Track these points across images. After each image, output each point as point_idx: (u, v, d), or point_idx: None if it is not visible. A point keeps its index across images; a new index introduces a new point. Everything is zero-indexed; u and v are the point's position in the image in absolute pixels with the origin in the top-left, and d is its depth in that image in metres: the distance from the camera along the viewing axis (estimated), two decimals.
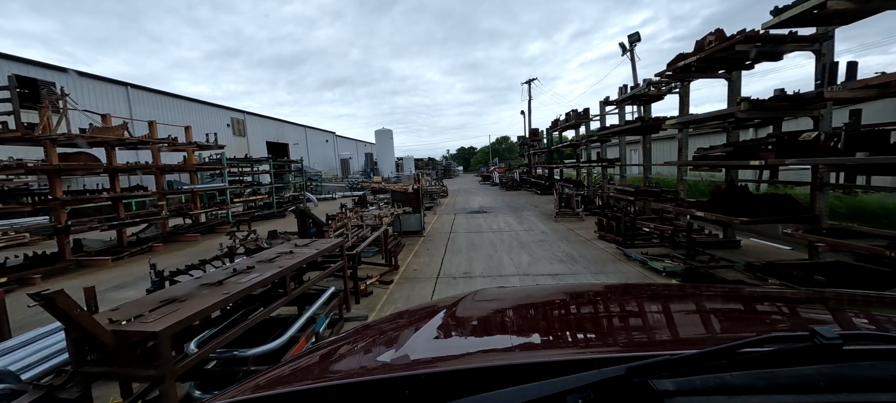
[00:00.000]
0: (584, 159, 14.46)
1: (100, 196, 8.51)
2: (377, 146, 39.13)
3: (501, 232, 10.03)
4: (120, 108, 17.81)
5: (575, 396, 0.58)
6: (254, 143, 28.44)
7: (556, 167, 20.77)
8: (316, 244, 4.26)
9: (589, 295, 1.52)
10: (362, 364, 1.01)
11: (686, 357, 0.62)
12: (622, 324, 1.17)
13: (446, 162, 60.21)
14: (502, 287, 1.78)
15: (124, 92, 18.14)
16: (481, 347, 1.05)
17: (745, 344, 0.64)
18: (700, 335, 1.07)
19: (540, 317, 1.22)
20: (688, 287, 1.67)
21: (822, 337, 0.62)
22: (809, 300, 1.25)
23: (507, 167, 44.09)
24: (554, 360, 0.83)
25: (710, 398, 0.55)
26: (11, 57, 14.49)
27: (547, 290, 1.97)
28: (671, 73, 7.12)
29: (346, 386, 0.80)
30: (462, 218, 12.95)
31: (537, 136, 25.79)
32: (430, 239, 9.46)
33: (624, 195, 9.22)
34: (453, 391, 0.67)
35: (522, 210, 14.18)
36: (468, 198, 20.41)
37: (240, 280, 2.94)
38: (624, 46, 16.57)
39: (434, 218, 13.26)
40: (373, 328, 1.37)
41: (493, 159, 60.72)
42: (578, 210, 11.13)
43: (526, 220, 11.84)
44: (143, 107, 19.03)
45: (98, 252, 8.70)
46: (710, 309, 1.23)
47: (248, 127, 27.81)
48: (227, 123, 25.62)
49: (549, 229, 10.14)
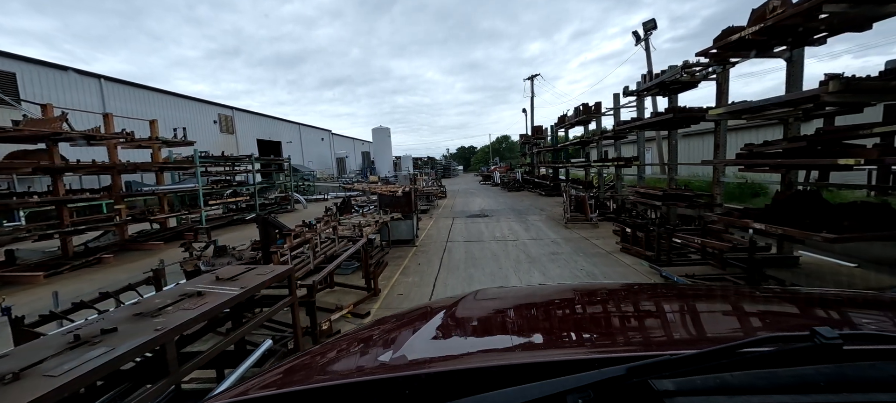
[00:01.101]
0: (596, 157, 13.15)
1: (30, 200, 7.20)
2: (374, 145, 37.78)
3: (505, 242, 8.73)
4: (92, 102, 16.49)
5: (575, 396, 0.58)
6: (243, 141, 27.10)
7: (561, 167, 19.45)
8: (246, 277, 2.96)
9: (589, 295, 1.47)
10: (363, 365, 1.00)
11: (686, 357, 0.62)
12: (622, 324, 1.16)
13: (446, 161, 58.92)
14: (502, 287, 1.73)
15: (97, 85, 16.80)
16: (481, 347, 1.05)
17: (745, 344, 0.64)
18: (700, 335, 1.06)
19: (540, 317, 1.23)
20: (688, 287, 1.62)
21: (822, 337, 0.62)
22: (809, 300, 1.27)
23: (509, 167, 42.74)
24: (554, 360, 0.83)
25: (710, 398, 0.55)
26: None
27: (547, 290, 1.81)
28: (716, 50, 5.81)
29: (346, 386, 0.80)
30: (461, 223, 11.66)
31: (541, 133, 24.46)
32: (423, 250, 8.17)
33: (648, 200, 7.93)
34: (453, 391, 0.67)
35: (527, 214, 12.88)
36: (468, 200, 19.11)
37: (52, 372, 1.64)
38: (638, 35, 15.23)
39: (430, 223, 11.97)
40: (373, 328, 1.34)
41: (494, 159, 59.49)
42: (592, 216, 9.83)
43: (533, 226, 10.54)
44: (120, 102, 17.71)
45: (33, 266, 7.40)
46: (710, 309, 1.23)
47: (236, 124, 26.45)
48: (214, 120, 24.27)
49: (560, 237, 8.84)
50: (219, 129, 24.65)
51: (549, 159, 22.35)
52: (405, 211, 8.47)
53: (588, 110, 13.05)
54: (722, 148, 7.33)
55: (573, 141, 16.07)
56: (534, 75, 31.72)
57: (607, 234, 8.94)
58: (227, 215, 13.63)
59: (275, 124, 32.30)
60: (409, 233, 8.56)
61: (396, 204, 8.29)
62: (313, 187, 25.09)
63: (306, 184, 24.61)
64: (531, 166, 27.18)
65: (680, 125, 7.49)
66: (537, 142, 25.27)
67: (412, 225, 8.55)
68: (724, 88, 7.27)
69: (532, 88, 31.88)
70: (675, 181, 8.86)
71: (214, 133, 24.22)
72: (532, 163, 27.12)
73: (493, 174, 33.67)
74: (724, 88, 7.27)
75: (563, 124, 16.54)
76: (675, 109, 6.80)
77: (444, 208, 15.84)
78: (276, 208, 16.05)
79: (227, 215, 13.63)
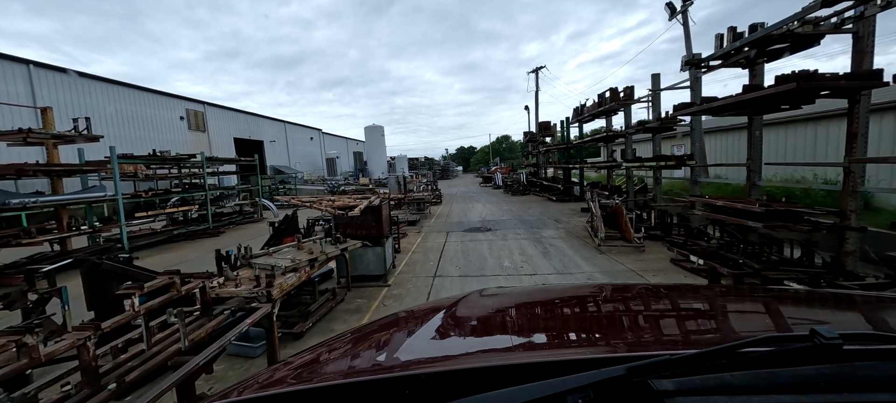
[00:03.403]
0: (627, 156, 10.48)
1: None
2: (367, 145, 35.20)
3: (520, 277, 6.07)
4: (17, 92, 13.79)
5: (575, 396, 0.58)
6: (218, 140, 24.34)
7: (574, 168, 16.76)
8: None
9: (589, 295, 1.45)
10: (363, 364, 0.98)
11: (686, 357, 0.62)
12: (622, 324, 1.15)
13: (445, 162, 56.22)
14: (502, 287, 1.70)
15: (24, 72, 14.09)
16: (481, 347, 1.04)
17: (745, 344, 0.64)
18: (700, 335, 1.05)
19: (540, 317, 1.22)
20: (688, 287, 1.59)
21: (822, 337, 0.62)
22: (809, 300, 1.27)
23: (511, 168, 40.03)
24: (554, 360, 0.83)
25: (710, 398, 0.56)
26: None
27: (547, 290, 1.79)
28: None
29: (346, 386, 0.80)
30: (456, 241, 8.99)
31: (549, 130, 21.78)
32: (397, 293, 5.50)
33: (733, 217, 5.25)
34: (453, 391, 0.67)
35: (541, 227, 10.21)
36: (466, 206, 16.43)
37: None
38: (672, 7, 12.55)
39: (417, 240, 9.29)
40: (373, 328, 1.30)
41: (494, 159, 56.82)
42: (639, 237, 7.14)
43: (552, 248, 7.87)
44: (56, 92, 15.01)
45: None
46: (710, 309, 1.22)
47: (209, 121, 23.65)
48: (181, 116, 21.48)
49: (598, 271, 6.17)
50: (187, 126, 21.92)
51: (558, 159, 19.66)
52: (374, 232, 5.80)
53: (616, 97, 10.35)
54: (860, 140, 4.68)
55: (599, 134, 13.10)
56: (539, 67, 29.03)
57: (663, 264, 6.27)
58: (166, 230, 10.94)
59: (256, 122, 29.56)
60: (379, 266, 5.88)
61: (358, 227, 5.61)
62: (295, 190, 22.39)
63: (285, 187, 21.92)
64: (536, 166, 24.49)
65: (804, 100, 4.81)
66: (544, 139, 22.59)
67: (383, 254, 5.86)
68: (865, 44, 4.63)
69: (537, 81, 29.20)
70: (757, 189, 6.20)
71: (181, 131, 21.50)
72: (537, 163, 24.43)
73: (494, 176, 30.88)
74: (865, 44, 4.63)
75: (580, 117, 13.85)
76: (802, 76, 4.19)
77: (438, 218, 13.17)
78: (236, 219, 13.37)
79: (167, 230, 10.94)
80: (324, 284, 5.78)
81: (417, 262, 7.26)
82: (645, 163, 8.82)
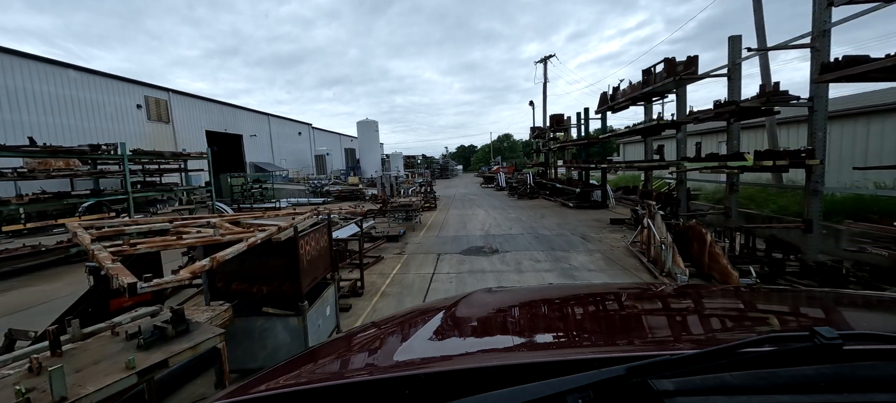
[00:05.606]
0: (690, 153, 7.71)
1: None
2: (360, 141, 32.44)
3: None
4: None
5: (575, 396, 0.57)
6: (185, 133, 21.47)
7: (595, 168, 13.95)
8: None
9: (589, 295, 1.42)
10: (362, 364, 0.97)
11: (686, 357, 0.62)
12: (622, 324, 1.14)
13: (444, 160, 53.36)
14: (502, 287, 1.68)
15: None
16: (481, 347, 1.03)
17: (745, 344, 0.63)
18: (700, 335, 1.04)
19: (540, 317, 1.21)
20: (688, 287, 1.54)
21: (822, 337, 0.62)
22: (809, 300, 1.25)
23: (515, 167, 37.19)
24: (554, 360, 0.82)
25: (710, 398, 0.55)
26: None
27: (547, 290, 1.77)
28: None
29: (346, 386, 0.79)
30: (450, 270, 6.21)
31: (562, 124, 18.97)
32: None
33: None
34: (453, 391, 0.66)
35: (566, 249, 7.44)
36: (466, 213, 13.63)
37: None
38: None
39: (394, 269, 6.51)
40: (373, 328, 1.28)
41: (495, 158, 54.03)
42: (749, 280, 4.35)
43: None
44: None
45: None
46: (710, 309, 1.21)
47: (173, 110, 20.76)
48: (139, 104, 18.64)
49: None
50: (146, 116, 19.07)
51: (574, 157, 16.86)
52: (283, 292, 3.02)
53: (673, 70, 7.51)
54: None
55: (638, 126, 10.06)
56: (548, 56, 26.18)
57: None
58: (61, 246, 8.15)
59: (233, 114, 26.68)
60: (298, 347, 3.09)
61: (257, 277, 2.83)
62: (271, 192, 19.61)
63: (260, 187, 19.12)
64: (545, 165, 21.69)
65: None
66: (555, 135, 19.78)
67: (303, 329, 3.07)
68: None
69: (545, 72, 26.34)
70: None
71: (138, 121, 18.67)
72: (546, 162, 21.62)
73: (496, 176, 27.99)
74: None
75: (610, 104, 11.04)
76: None
77: (430, 230, 10.37)
78: None
79: (63, 246, 8.15)
80: (185, 389, 2.99)
81: (386, 313, 4.49)
82: (727, 163, 6.00)
